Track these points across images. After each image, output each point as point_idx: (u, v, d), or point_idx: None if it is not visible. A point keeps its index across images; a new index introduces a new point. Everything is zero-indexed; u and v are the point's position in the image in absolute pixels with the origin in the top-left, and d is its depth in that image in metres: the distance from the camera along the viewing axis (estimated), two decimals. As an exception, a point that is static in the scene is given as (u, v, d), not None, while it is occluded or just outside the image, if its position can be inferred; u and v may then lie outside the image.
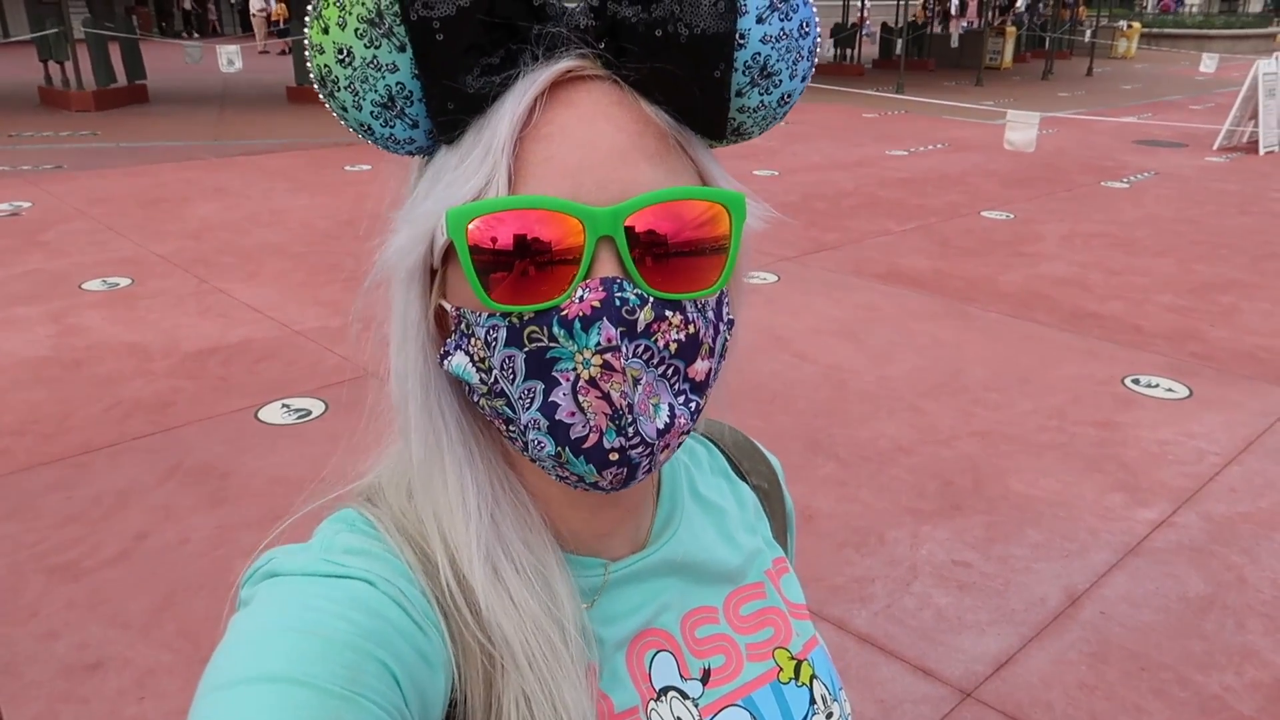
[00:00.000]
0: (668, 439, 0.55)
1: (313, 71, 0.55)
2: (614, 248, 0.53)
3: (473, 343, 0.56)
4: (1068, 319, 5.40)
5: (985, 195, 8.66)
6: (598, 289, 0.53)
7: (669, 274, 0.55)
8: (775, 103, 0.58)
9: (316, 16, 0.53)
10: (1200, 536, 3.25)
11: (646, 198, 0.53)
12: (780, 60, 0.57)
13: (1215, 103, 15.85)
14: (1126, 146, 11.74)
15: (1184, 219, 7.91)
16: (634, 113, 0.55)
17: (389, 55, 0.53)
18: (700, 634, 0.69)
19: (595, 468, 0.55)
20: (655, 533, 0.70)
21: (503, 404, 0.56)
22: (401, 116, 0.55)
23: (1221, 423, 4.12)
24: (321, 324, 5.01)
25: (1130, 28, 28.45)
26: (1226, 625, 2.80)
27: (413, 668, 0.53)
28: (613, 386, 0.53)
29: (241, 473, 3.52)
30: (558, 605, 0.59)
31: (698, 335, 0.56)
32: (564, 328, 0.53)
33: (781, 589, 0.76)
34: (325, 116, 4.44)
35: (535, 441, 0.56)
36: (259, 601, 0.54)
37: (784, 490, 0.85)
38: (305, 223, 7.10)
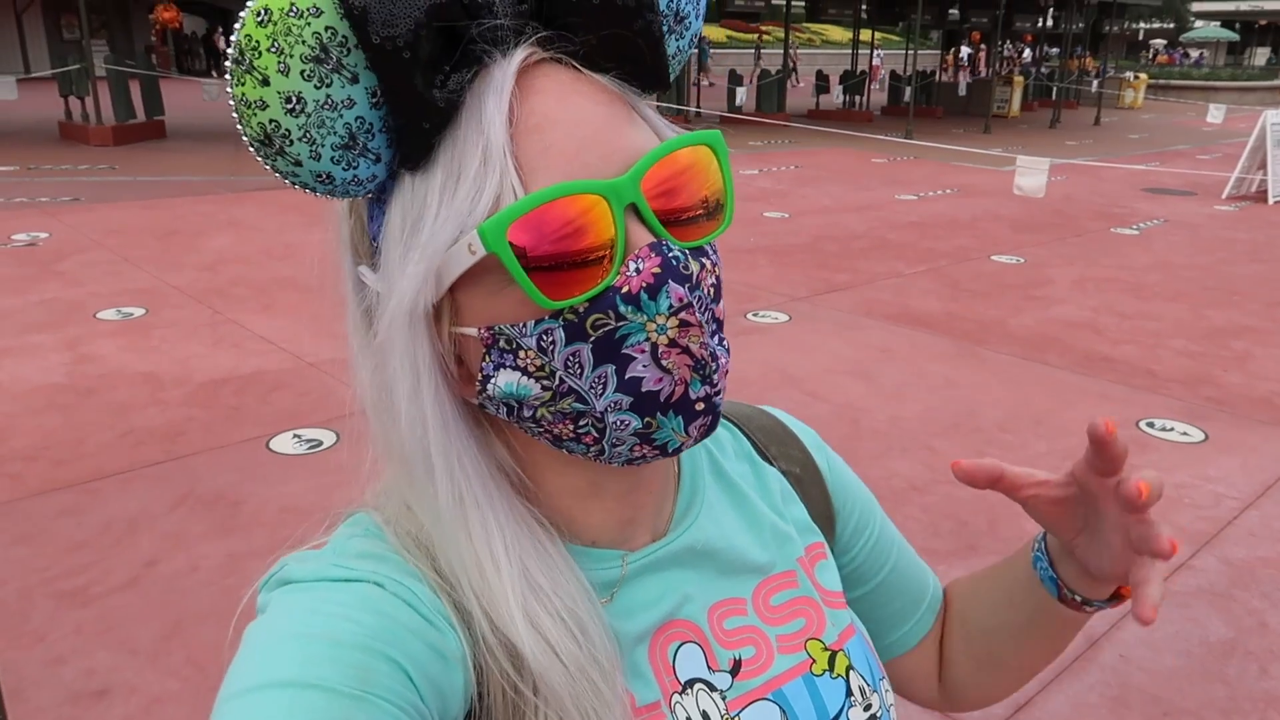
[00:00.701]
0: (725, 379, 0.57)
1: (252, 133, 0.51)
2: (637, 214, 0.54)
3: (522, 355, 0.55)
4: (1080, 362, 5.39)
5: (995, 239, 8.69)
6: (650, 256, 0.52)
7: (686, 222, 0.56)
8: (687, 45, 0.60)
9: (248, 69, 0.49)
10: (1220, 581, 3.20)
11: (650, 157, 0.54)
12: (689, 4, 0.58)
13: (1223, 152, 15.96)
14: (1135, 194, 11.80)
15: (1195, 265, 7.92)
16: (593, 84, 0.55)
17: (342, 91, 0.50)
18: (729, 625, 0.68)
19: (684, 421, 0.55)
20: (676, 519, 0.68)
21: (572, 401, 0.55)
22: (365, 154, 0.53)
23: (1238, 467, 4.08)
24: (334, 356, 5.01)
25: (1137, 79, 28.76)
26: (1249, 671, 2.75)
27: (426, 664, 0.53)
28: (691, 339, 0.53)
29: (252, 502, 3.51)
30: (594, 645, 0.58)
31: (720, 275, 0.58)
32: (629, 303, 0.52)
33: (816, 577, 0.74)
34: None
35: (616, 423, 0.55)
36: (271, 609, 0.55)
37: (819, 467, 0.81)
38: (320, 257, 7.13)
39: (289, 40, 0.49)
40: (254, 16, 0.49)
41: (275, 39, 0.49)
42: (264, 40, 0.49)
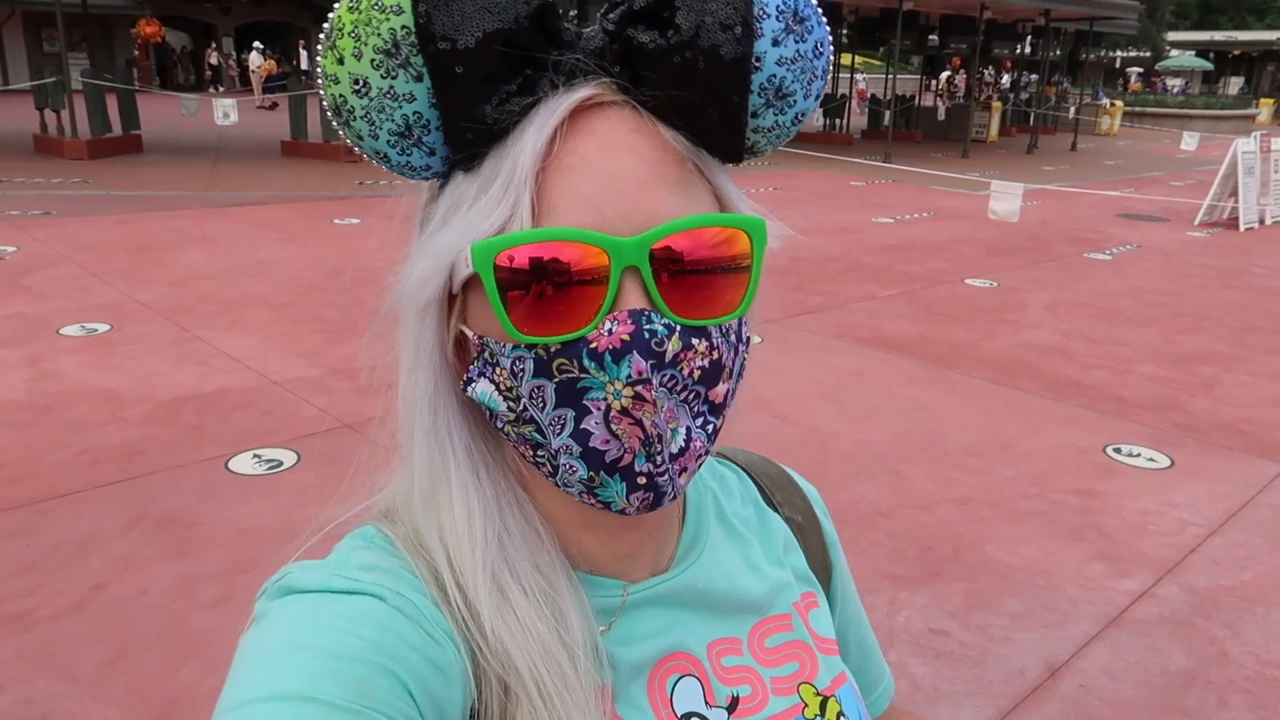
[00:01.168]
0: (683, 462, 0.56)
1: (327, 100, 0.55)
2: (639, 277, 0.53)
3: (498, 372, 0.56)
4: (1050, 386, 5.40)
5: (970, 263, 8.74)
6: (626, 321, 0.53)
7: (693, 300, 0.55)
8: (789, 121, 0.59)
9: (331, 46, 0.53)
10: (1182, 609, 3.19)
11: (670, 226, 0.54)
12: (795, 81, 0.57)
13: (1196, 179, 16.15)
14: (1109, 219, 11.91)
15: (1166, 291, 7.98)
16: (653, 139, 0.55)
17: (405, 85, 0.53)
18: (726, 663, 0.68)
19: (626, 488, 0.55)
20: (679, 557, 0.68)
21: (532, 430, 0.56)
22: (419, 145, 0.55)
23: (1204, 493, 4.09)
24: (300, 374, 4.96)
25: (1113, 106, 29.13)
26: (1209, 701, 2.73)
27: (426, 679, 0.53)
28: (644, 415, 0.53)
29: (208, 523, 3.45)
30: (566, 628, 0.58)
31: (720, 360, 0.57)
32: (594, 360, 0.53)
33: (810, 623, 0.74)
34: (317, 170, 4.50)
35: (567, 466, 0.56)
36: (271, 618, 0.55)
37: (820, 521, 0.83)
38: (291, 274, 7.09)
39: (367, 30, 0.52)
40: (347, 1, 0.53)
41: (357, 26, 0.52)
42: (348, 24, 0.52)
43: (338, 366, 5.10)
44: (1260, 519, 3.87)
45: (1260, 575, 3.43)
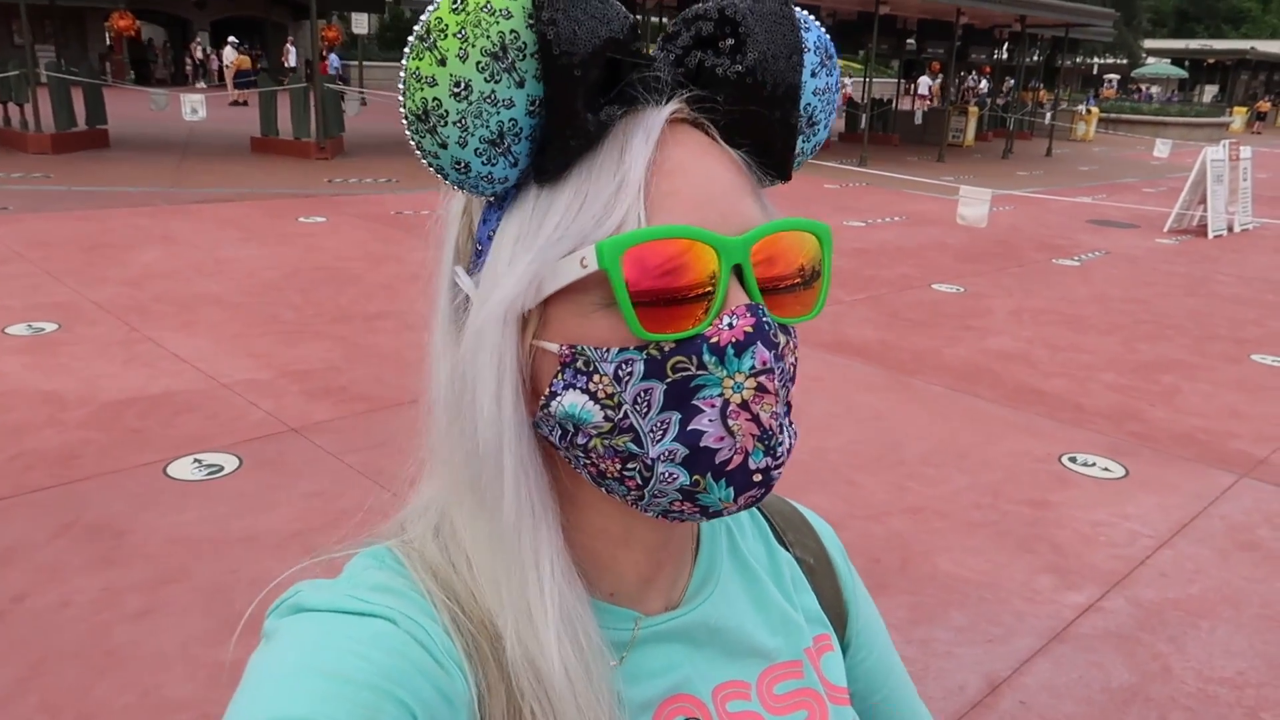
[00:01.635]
0: (785, 460, 0.57)
1: (412, 105, 0.54)
2: (740, 276, 0.55)
3: (596, 380, 0.55)
4: (1010, 394, 5.38)
5: (938, 268, 8.73)
6: (746, 315, 0.54)
7: (780, 300, 0.58)
8: (811, 149, 0.64)
9: (430, 47, 0.53)
10: (1128, 623, 3.17)
11: (766, 228, 0.56)
12: (822, 111, 0.63)
13: (1168, 186, 16.26)
14: (1080, 225, 11.95)
15: (1132, 298, 8.00)
16: (724, 154, 0.59)
17: (507, 91, 0.53)
18: (731, 708, 0.67)
19: (735, 491, 0.55)
20: (691, 592, 0.68)
21: (627, 440, 0.55)
22: (506, 154, 0.55)
23: (1156, 505, 4.07)
24: (250, 377, 4.87)
25: (1089, 112, 29.33)
26: (1149, 719, 2.70)
27: (433, 708, 0.52)
28: (763, 408, 0.54)
29: (139, 531, 3.36)
30: (592, 665, 0.58)
31: (795, 361, 0.60)
32: (715, 354, 0.54)
33: (821, 670, 0.73)
34: (286, 167, 4.39)
35: (665, 475, 0.55)
36: (281, 637, 0.54)
37: (834, 563, 0.82)
38: (250, 272, 6.98)
39: (476, 32, 0.52)
40: (449, 2, 0.53)
41: (464, 27, 0.52)
42: (453, 25, 0.52)
43: (289, 369, 5.01)
44: (1210, 531, 3.86)
45: (1207, 589, 3.41)
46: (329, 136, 13.60)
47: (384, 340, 5.60)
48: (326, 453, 4.03)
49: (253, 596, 2.62)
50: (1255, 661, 2.99)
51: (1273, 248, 11.17)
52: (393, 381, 4.91)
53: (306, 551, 2.54)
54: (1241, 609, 3.29)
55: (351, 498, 3.64)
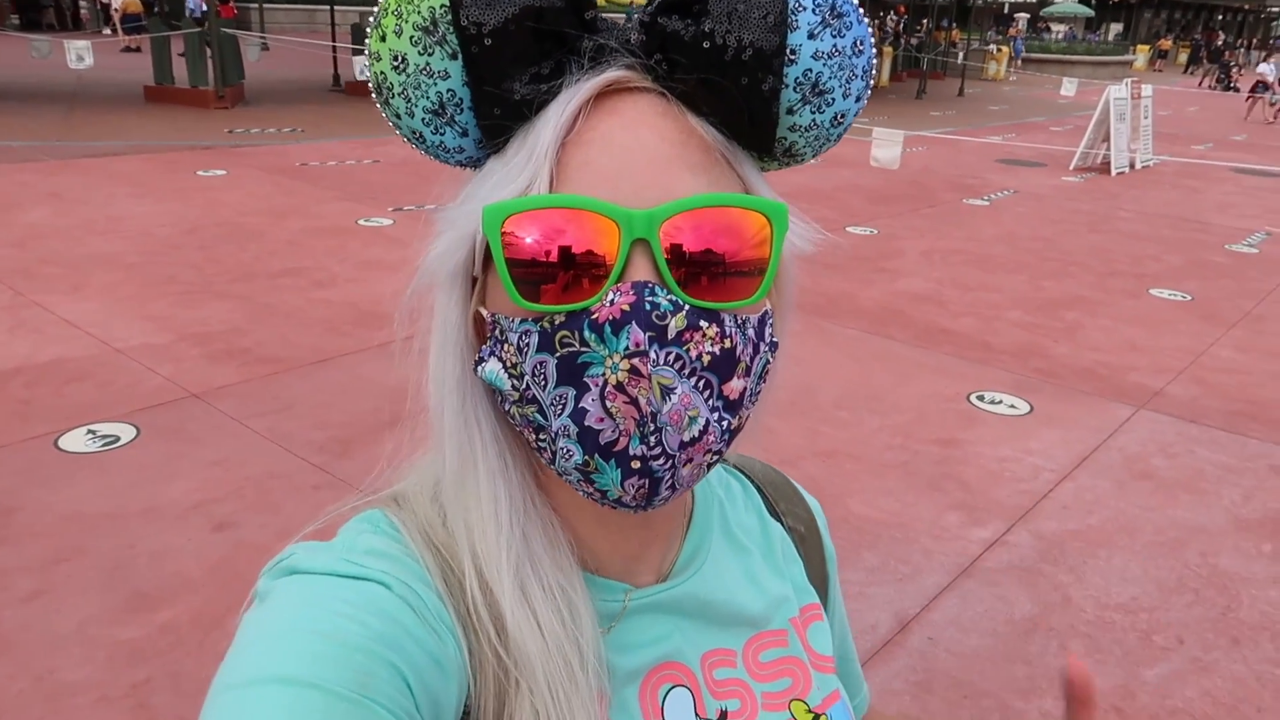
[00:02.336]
0: (691, 452, 0.54)
1: (373, 80, 0.56)
2: (649, 252, 0.53)
3: (506, 349, 0.56)
4: (921, 335, 5.48)
5: (852, 211, 8.81)
6: (628, 292, 0.52)
7: (706, 281, 0.54)
8: (828, 122, 0.58)
9: (376, 25, 0.55)
10: (1030, 555, 3.27)
11: (683, 202, 0.53)
12: (833, 78, 0.56)
13: (1074, 125, 16.65)
14: (990, 165, 12.17)
15: (1038, 236, 8.19)
16: (679, 124, 0.55)
17: (441, 62, 0.54)
18: (719, 675, 0.68)
19: (621, 475, 0.54)
20: (680, 565, 0.68)
21: (534, 410, 0.56)
22: (451, 124, 0.56)
23: (1058, 439, 4.20)
24: (146, 341, 4.66)
25: (1000, 51, 29.75)
26: (1049, 648, 2.80)
27: (425, 673, 0.52)
28: (639, 392, 0.52)
29: (30, 508, 3.20)
30: (580, 628, 0.58)
31: (734, 351, 0.55)
32: (594, 331, 0.52)
33: (807, 639, 0.74)
34: (183, 117, 4.14)
35: (564, 450, 0.55)
36: (275, 598, 0.54)
37: (822, 534, 0.84)
38: (145, 231, 6.67)
39: (409, 8, 0.54)
40: None
41: (400, 4, 0.54)
42: (393, 3, 0.54)
43: (189, 331, 4.81)
44: (1109, 463, 4.00)
45: (1105, 519, 3.54)
46: (228, 84, 13.00)
47: (290, 299, 5.42)
48: (230, 418, 3.90)
49: (154, 571, 2.54)
50: (1148, 587, 3.13)
51: (1171, 184, 11.54)
52: (300, 342, 4.77)
53: (209, 523, 2.48)
54: (1136, 537, 3.43)
55: (258, 464, 3.53)
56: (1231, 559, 3.32)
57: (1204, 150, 15.02)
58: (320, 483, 3.43)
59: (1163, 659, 2.78)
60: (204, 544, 3.03)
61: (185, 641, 2.61)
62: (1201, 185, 11.49)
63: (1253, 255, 7.98)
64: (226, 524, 3.14)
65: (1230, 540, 3.45)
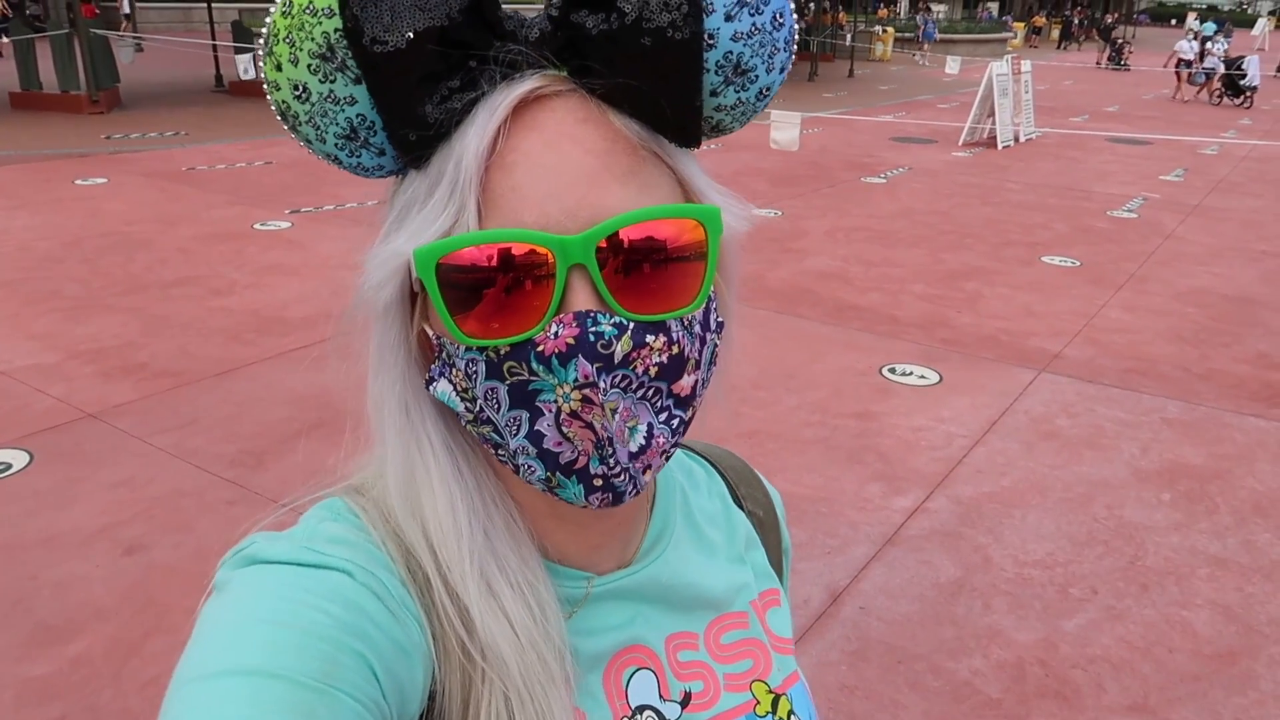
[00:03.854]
0: (645, 459, 0.54)
1: (273, 106, 0.54)
2: (587, 276, 0.52)
3: (454, 373, 0.56)
4: (831, 312, 5.58)
5: (755, 194, 8.91)
6: (571, 324, 0.51)
7: (647, 294, 0.53)
8: (753, 98, 0.57)
9: (269, 53, 0.52)
10: (950, 520, 3.37)
11: (615, 222, 0.52)
12: (754, 56, 0.55)
13: (959, 101, 17.17)
14: (884, 144, 12.47)
15: (934, 211, 8.43)
16: (602, 129, 0.54)
17: (345, 89, 0.52)
18: (682, 658, 0.68)
19: (584, 490, 0.54)
20: (643, 551, 0.68)
21: (490, 430, 0.56)
22: (366, 146, 0.54)
23: (968, 406, 4.34)
24: (33, 361, 4.42)
25: (885, 32, 30.48)
26: (975, 608, 2.89)
27: (390, 659, 0.52)
28: (594, 418, 0.52)
29: (-83, 546, 3.00)
30: (548, 620, 0.58)
31: (682, 354, 0.55)
32: (541, 363, 0.52)
33: (766, 621, 0.75)
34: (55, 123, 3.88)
35: (526, 466, 0.55)
36: (235, 588, 0.53)
37: (781, 525, 0.85)
38: (22, 245, 6.31)
39: (301, 35, 0.51)
40: (280, 6, 0.52)
41: (291, 31, 0.51)
42: (282, 30, 0.51)
43: (79, 349, 4.57)
44: (1016, 425, 4.15)
45: (1017, 480, 3.67)
46: (102, 88, 12.38)
47: (185, 309, 5.20)
48: (131, 436, 3.72)
49: (60, 602, 2.40)
50: (1061, 542, 3.26)
51: (1054, 154, 12.02)
52: (200, 353, 4.58)
53: (117, 547, 2.36)
54: (1047, 495, 3.57)
55: (165, 482, 3.38)
56: (1135, 510, 3.49)
57: (1081, 122, 15.69)
58: (234, 498, 3.30)
59: (1080, 610, 2.90)
60: (113, 569, 2.89)
61: (100, 674, 2.48)
62: (1081, 155, 12.00)
63: (1133, 220, 8.38)
64: (136, 547, 3.00)
65: (1133, 492, 3.61)
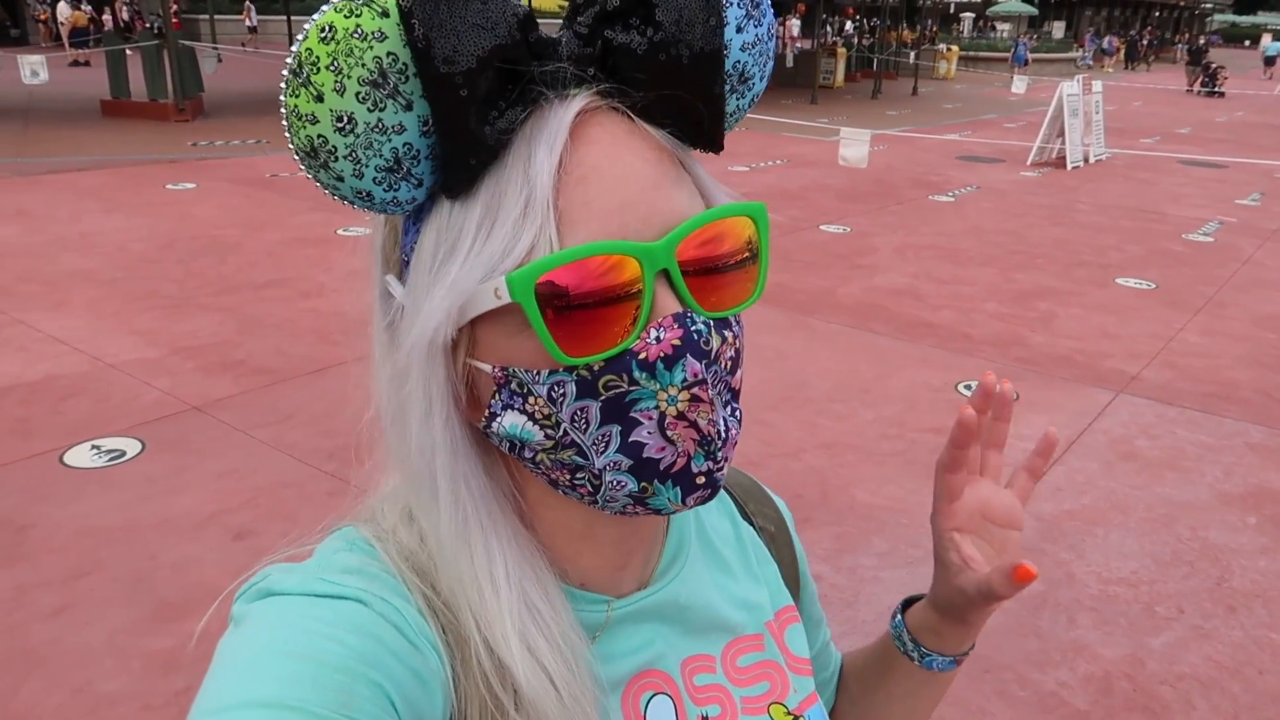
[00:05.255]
0: (726, 451, 0.56)
1: (298, 143, 0.51)
2: (668, 280, 0.53)
3: (531, 402, 0.54)
4: (903, 328, 5.61)
5: (823, 210, 8.95)
6: (673, 326, 0.52)
7: (716, 293, 0.55)
8: (747, 104, 0.60)
9: (304, 84, 0.49)
10: (1031, 536, 3.39)
11: (688, 225, 0.53)
12: (755, 65, 0.58)
13: (1026, 121, 17.01)
14: (950, 162, 12.41)
15: (1004, 230, 8.39)
16: (647, 140, 0.55)
17: (395, 117, 0.50)
18: (698, 681, 0.68)
19: (681, 491, 0.55)
20: (660, 571, 0.68)
21: (572, 454, 0.55)
22: (408, 178, 0.52)
23: (1045, 424, 4.32)
24: (137, 355, 4.63)
25: (949, 50, 30.27)
26: (1059, 622, 2.92)
27: (407, 688, 0.52)
28: (700, 415, 0.53)
29: (43, 525, 3.19)
30: (581, 668, 0.58)
31: (741, 347, 0.58)
32: (645, 370, 0.52)
33: (784, 641, 0.75)
34: (144, 131, 4.11)
35: (613, 482, 0.55)
36: (251, 621, 0.53)
37: (792, 535, 0.85)
38: (120, 246, 6.60)
39: (349, 61, 0.49)
40: (318, 31, 0.49)
41: (336, 58, 0.49)
42: (324, 57, 0.49)
43: (179, 345, 4.79)
44: (1095, 445, 4.14)
45: (1097, 499, 3.67)
46: (188, 97, 12.85)
47: (277, 310, 5.41)
48: (234, 429, 3.90)
49: (176, 583, 2.58)
50: (1145, 561, 3.26)
51: (1124, 176, 11.86)
52: (293, 352, 4.76)
53: (227, 533, 2.56)
54: (1129, 514, 3.57)
55: (267, 474, 3.54)
56: (1219, 532, 3.47)
57: (1152, 144, 15.44)
58: (334, 489, 3.45)
59: (1166, 628, 2.91)
60: (224, 553, 3.04)
61: (219, 649, 2.62)
62: (1153, 177, 11.83)
63: (1209, 244, 8.25)
64: (245, 532, 3.15)
65: (1217, 515, 3.60)
